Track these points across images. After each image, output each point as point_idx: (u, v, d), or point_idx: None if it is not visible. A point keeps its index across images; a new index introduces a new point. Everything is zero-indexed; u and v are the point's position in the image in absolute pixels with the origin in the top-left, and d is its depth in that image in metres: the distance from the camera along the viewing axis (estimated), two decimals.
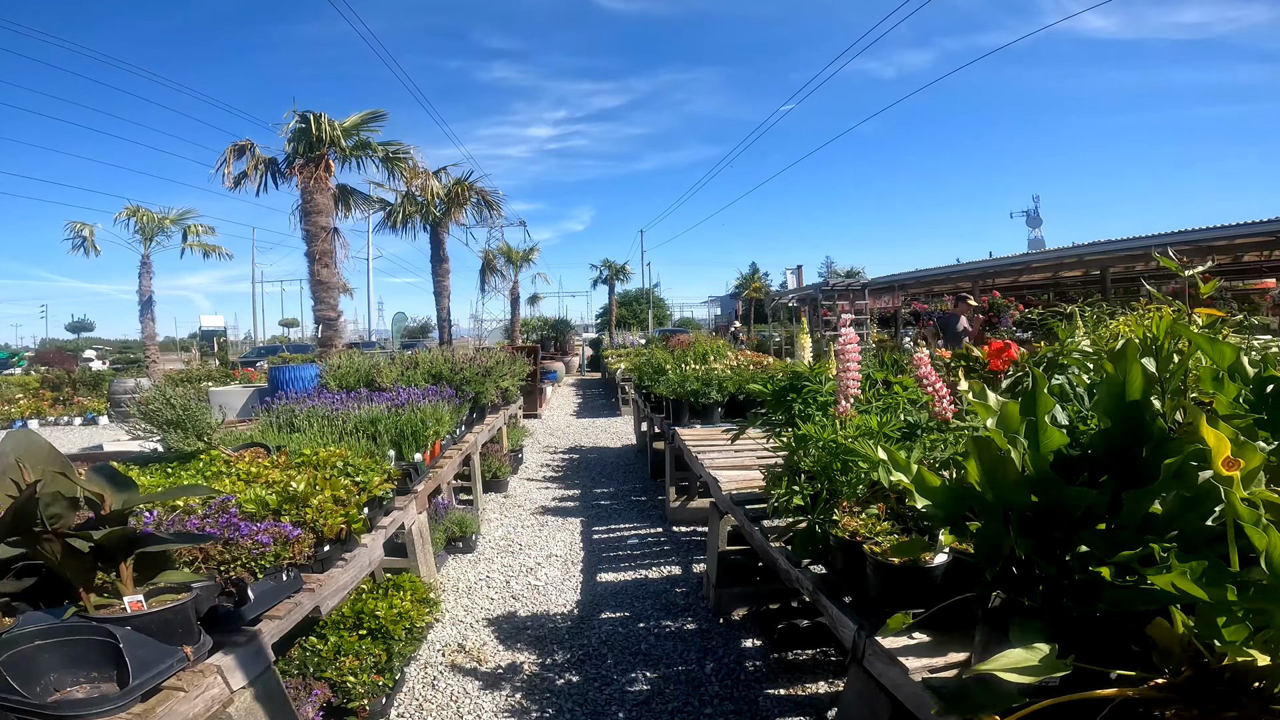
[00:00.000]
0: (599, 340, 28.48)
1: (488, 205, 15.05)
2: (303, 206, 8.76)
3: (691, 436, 5.49)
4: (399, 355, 7.00)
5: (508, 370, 6.93)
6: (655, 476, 7.81)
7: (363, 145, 9.91)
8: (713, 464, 4.55)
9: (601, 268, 30.62)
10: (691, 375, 5.93)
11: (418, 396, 5.07)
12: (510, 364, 7.32)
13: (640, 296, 50.89)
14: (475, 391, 5.70)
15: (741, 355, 6.75)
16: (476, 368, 5.77)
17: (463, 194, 14.17)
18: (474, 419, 5.93)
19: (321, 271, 8.34)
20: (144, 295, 17.04)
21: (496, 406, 6.95)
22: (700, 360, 6.65)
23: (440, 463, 4.69)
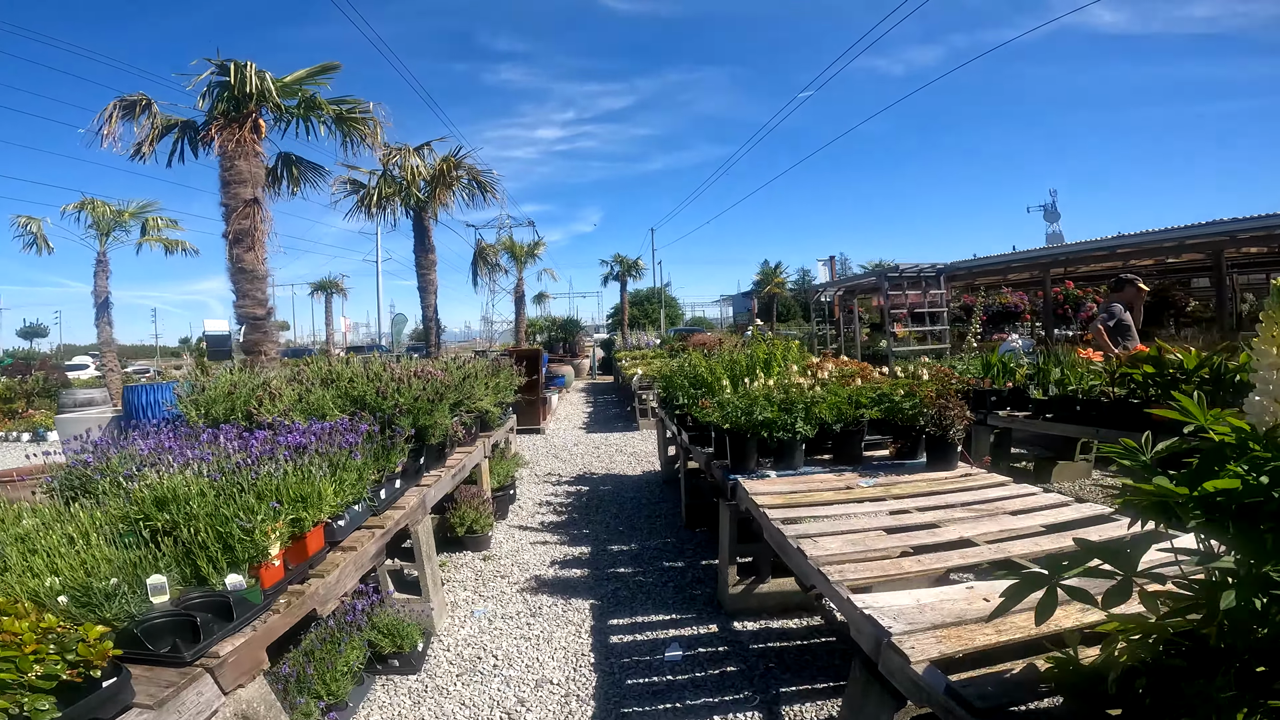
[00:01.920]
0: (611, 341, 26.41)
1: (480, 187, 12.99)
2: (222, 175, 6.72)
3: (771, 494, 3.37)
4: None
5: (486, 386, 4.85)
6: (693, 524, 5.69)
7: (309, 104, 7.86)
8: (837, 558, 2.44)
9: (613, 263, 28.51)
10: (761, 396, 3.79)
11: (319, 434, 2.99)
12: (491, 377, 5.24)
13: (652, 296, 48.90)
14: (421, 425, 3.60)
15: (827, 362, 4.59)
16: (421, 388, 3.65)
17: (450, 172, 12.12)
18: (422, 466, 3.83)
19: (244, 257, 6.31)
20: (99, 296, 15.18)
21: (465, 439, 4.85)
22: (763, 370, 4.52)
23: (330, 561, 2.60)
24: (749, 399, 3.73)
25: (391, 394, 3.46)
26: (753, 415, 3.59)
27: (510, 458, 6.36)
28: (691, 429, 4.91)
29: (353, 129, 8.27)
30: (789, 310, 42.34)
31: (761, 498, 3.28)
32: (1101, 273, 17.53)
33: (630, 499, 6.77)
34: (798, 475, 3.80)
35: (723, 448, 4.05)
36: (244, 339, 6.41)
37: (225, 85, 7.16)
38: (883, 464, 4.03)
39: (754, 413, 3.59)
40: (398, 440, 3.29)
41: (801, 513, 3.05)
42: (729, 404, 3.74)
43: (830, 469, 3.90)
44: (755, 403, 3.66)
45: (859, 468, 3.93)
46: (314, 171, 8.62)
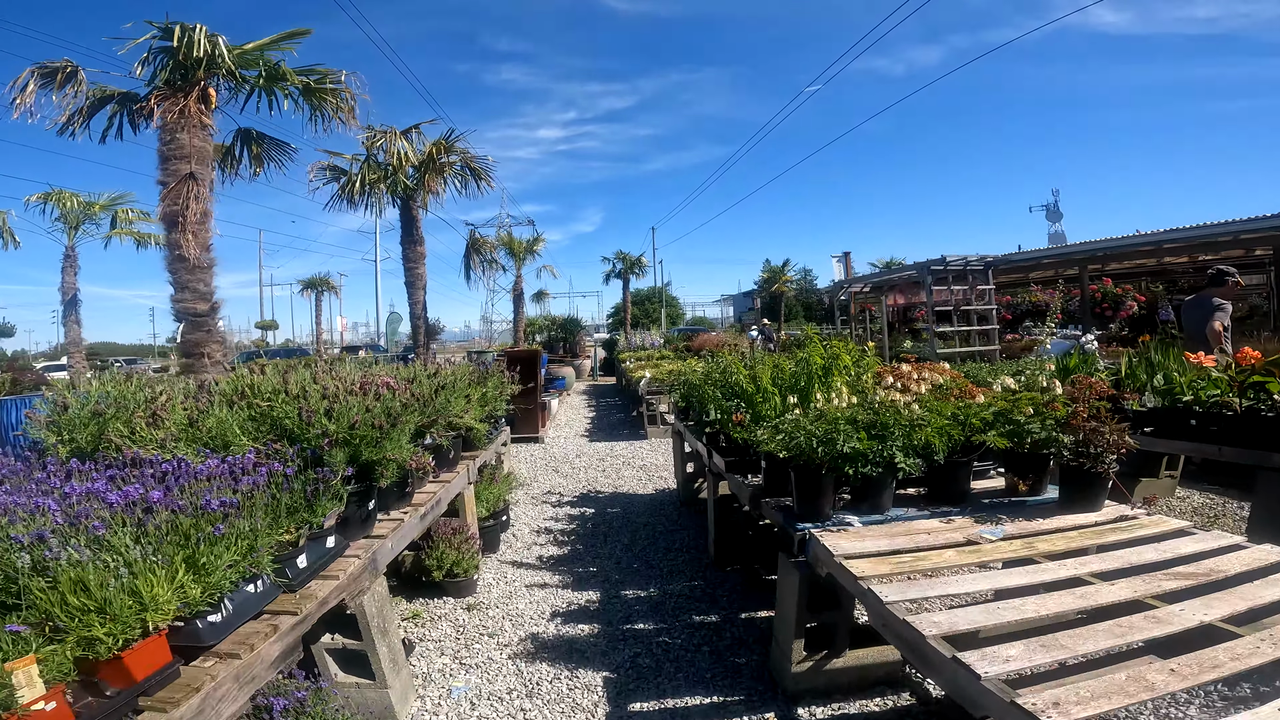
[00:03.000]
0: (613, 341, 25.38)
1: (474, 174, 11.97)
2: (160, 150, 5.68)
3: (866, 555, 2.36)
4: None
5: (468, 399, 3.84)
6: (724, 562, 4.69)
7: (273, 74, 6.83)
8: (1039, 678, 1.41)
9: (615, 260, 27.44)
10: (843, 418, 2.75)
11: (218, 475, 1.98)
12: (475, 386, 4.24)
13: (652, 295, 47.95)
14: (366, 460, 2.58)
15: (917, 370, 3.55)
16: (364, 409, 2.59)
17: (440, 157, 11.10)
18: (372, 511, 2.82)
19: (184, 243, 5.27)
20: (67, 293, 14.18)
21: (441, 466, 3.83)
22: (821, 380, 3.50)
23: (186, 681, 1.59)
24: (828, 422, 2.70)
25: (318, 419, 2.43)
26: (834, 444, 2.57)
27: (503, 478, 5.34)
28: (726, 451, 3.90)
29: (323, 102, 7.24)
30: (791, 311, 41.35)
31: (857, 563, 2.27)
32: (1127, 270, 16.50)
33: (644, 525, 5.75)
34: (889, 522, 2.80)
35: (778, 482, 3.04)
36: (182, 339, 5.37)
37: (169, 51, 6.15)
38: (995, 502, 3.02)
39: (836, 441, 2.57)
40: (330, 482, 2.28)
41: (924, 587, 2.05)
42: (800, 429, 2.72)
43: (929, 511, 2.89)
44: (837, 427, 2.64)
45: (966, 509, 2.92)
46: (278, 149, 7.58)
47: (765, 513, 3.17)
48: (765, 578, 4.55)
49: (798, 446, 2.65)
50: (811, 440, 2.61)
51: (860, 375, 3.41)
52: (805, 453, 2.63)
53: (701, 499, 6.17)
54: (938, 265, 7.34)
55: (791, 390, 3.52)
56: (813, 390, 3.44)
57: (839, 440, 2.57)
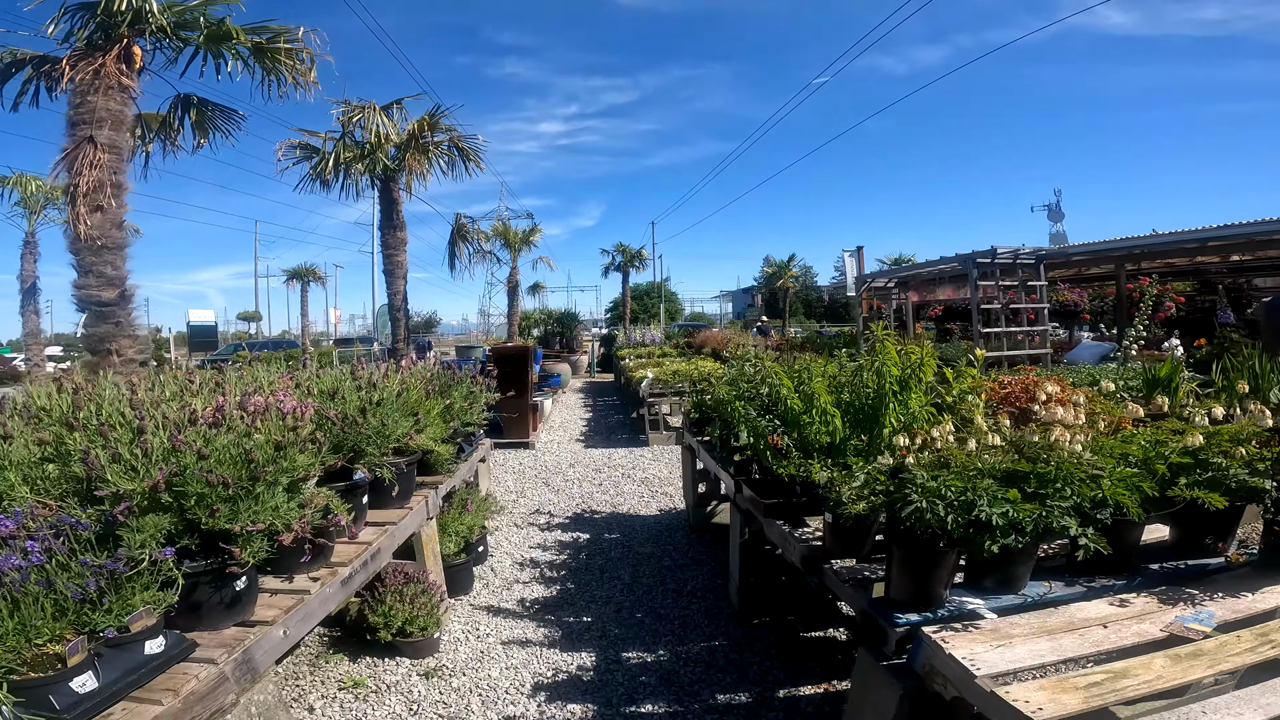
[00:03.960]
0: (612, 336, 24.44)
1: (462, 155, 10.99)
2: (69, 115, 4.74)
3: (1023, 667, 1.42)
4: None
5: (411, 418, 2.89)
6: (750, 613, 3.77)
7: (216, 33, 5.86)
8: None
9: (615, 253, 26.41)
10: (979, 470, 1.80)
11: None
12: (434, 398, 3.30)
13: (651, 290, 47.03)
14: (216, 529, 1.64)
15: (1073, 393, 2.58)
16: (200, 450, 1.62)
17: (424, 135, 10.14)
18: (241, 593, 1.88)
19: (89, 220, 4.27)
20: (25, 282, 13.20)
21: (380, 506, 2.89)
22: (897, 396, 2.56)
23: None
24: (960, 477, 1.76)
25: (112, 471, 1.49)
26: (974, 509, 1.64)
27: (478, 503, 4.41)
28: (761, 487, 2.97)
29: (277, 64, 6.27)
30: (791, 308, 40.39)
31: (1022, 691, 1.37)
32: (1156, 269, 15.54)
33: (647, 558, 4.83)
34: (1034, 607, 1.88)
35: (850, 540, 2.11)
36: (86, 332, 4.40)
37: (88, 6, 5.20)
38: (1165, 569, 2.10)
39: (975, 505, 1.64)
40: (140, 563, 1.35)
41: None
42: (912, 485, 1.78)
43: (1083, 586, 1.97)
44: (975, 486, 1.69)
45: (1134, 579, 2.00)
46: (224, 117, 6.60)
47: (832, 585, 2.25)
48: (806, 635, 3.64)
49: (913, 513, 1.71)
50: (934, 503, 1.68)
51: (952, 392, 2.48)
52: (919, 519, 1.70)
53: (715, 524, 5.25)
54: (984, 258, 6.41)
55: (856, 412, 2.59)
56: (886, 413, 2.51)
57: (981, 505, 1.64)
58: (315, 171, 9.79)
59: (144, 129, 6.48)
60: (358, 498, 2.58)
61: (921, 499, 1.69)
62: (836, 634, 3.67)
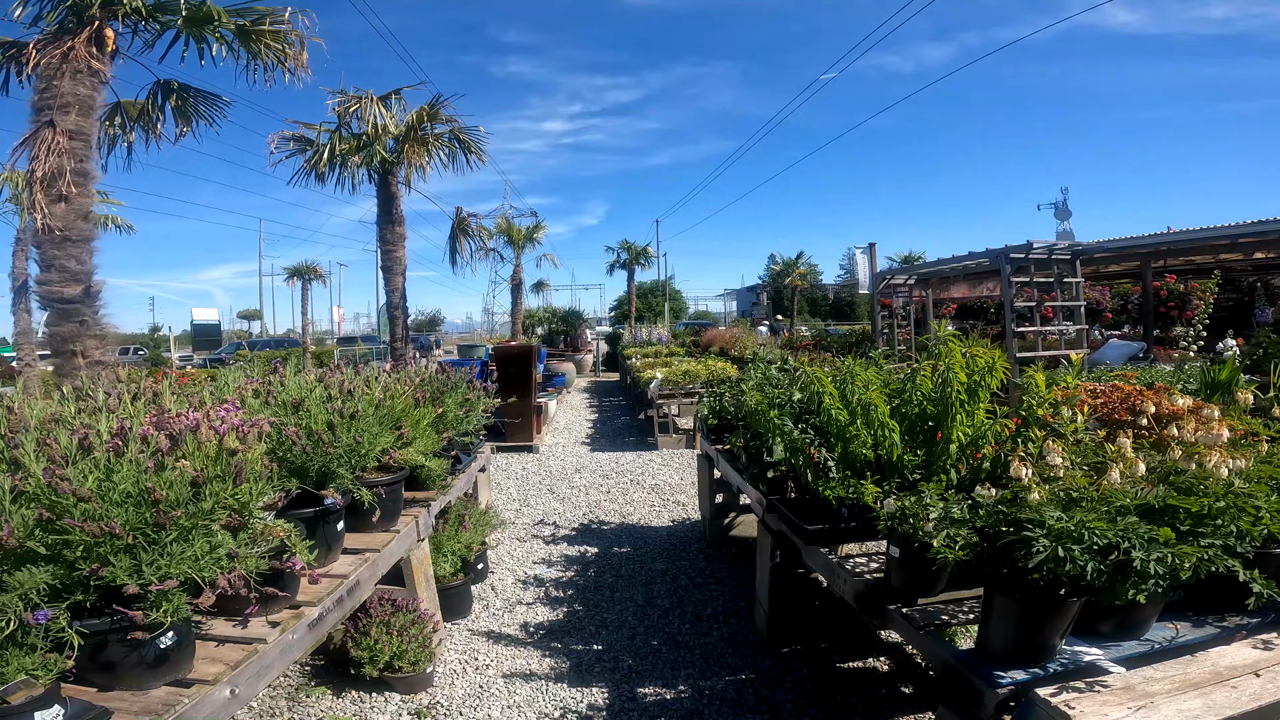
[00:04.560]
0: (617, 335, 24.03)
1: (463, 146, 10.59)
2: (34, 101, 4.36)
3: None
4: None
5: (393, 432, 2.52)
6: (780, 640, 3.38)
7: (198, 16, 5.48)
8: None
9: (619, 250, 25.98)
10: (1123, 504, 1.41)
11: None
12: (425, 408, 2.92)
13: (656, 288, 46.64)
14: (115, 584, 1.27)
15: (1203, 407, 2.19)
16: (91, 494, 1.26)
17: (424, 126, 9.75)
18: (178, 645, 1.50)
19: (50, 210, 3.90)
20: (18, 279, 12.88)
21: (358, 529, 2.51)
22: (964, 405, 2.16)
23: None
24: (1102, 513, 1.37)
25: None
26: (1116, 552, 1.25)
27: (478, 517, 4.03)
28: (799, 508, 2.58)
29: (265, 48, 5.90)
30: (796, 306, 39.90)
31: None
32: (1179, 266, 15.03)
33: (661, 575, 4.44)
34: (1164, 656, 1.49)
35: (919, 578, 1.72)
36: (49, 331, 4.03)
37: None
38: None
39: (1127, 549, 1.25)
40: None
41: None
42: (1048, 524, 1.39)
43: (1215, 628, 1.59)
44: (1131, 531, 1.30)
45: (1266, 616, 1.62)
46: (207, 104, 6.22)
47: (900, 630, 1.86)
48: (843, 666, 3.25)
49: (1043, 563, 1.32)
50: (1069, 549, 1.29)
51: (1043, 403, 2.09)
52: (1045, 566, 1.31)
53: (734, 537, 4.86)
54: (1018, 252, 5.98)
55: (912, 424, 2.20)
56: (952, 425, 2.12)
57: (1130, 549, 1.25)
58: (309, 164, 9.41)
59: (124, 118, 6.12)
60: (329, 526, 2.21)
61: (1052, 543, 1.31)
62: (877, 664, 3.28)
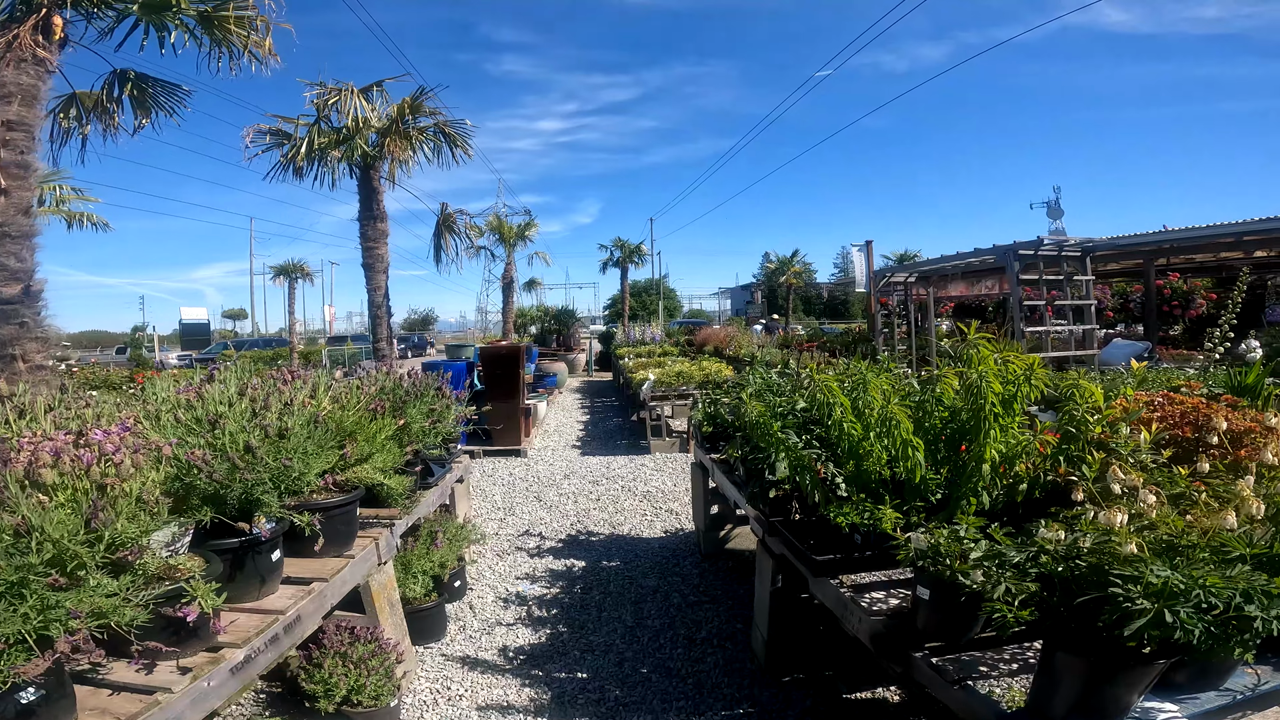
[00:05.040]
0: (610, 334, 23.73)
1: (448, 140, 10.26)
2: None
3: None
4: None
5: (334, 450, 2.21)
6: (780, 668, 3.10)
7: (156, 2, 5.16)
8: None
9: (613, 248, 25.59)
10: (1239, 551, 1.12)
11: None
12: (383, 420, 2.61)
13: (650, 287, 46.36)
14: None
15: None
16: None
17: (407, 119, 9.41)
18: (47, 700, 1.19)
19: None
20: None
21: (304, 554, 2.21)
22: (998, 420, 1.87)
23: None
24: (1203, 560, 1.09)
25: None
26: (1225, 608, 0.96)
27: (453, 533, 3.73)
28: (803, 531, 2.29)
29: (227, 35, 5.57)
30: (791, 304, 39.66)
31: None
32: (1180, 264, 14.81)
33: (652, 592, 4.15)
34: (1245, 708, 1.21)
35: (956, 623, 1.44)
36: None
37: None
38: None
39: (1240, 604, 0.96)
40: None
41: None
42: (1143, 580, 1.09)
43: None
44: (1241, 577, 1.02)
45: None
46: (167, 94, 5.88)
47: (927, 682, 1.57)
48: (849, 697, 2.97)
49: (1142, 629, 1.03)
50: (1175, 610, 1.00)
51: (1103, 420, 1.80)
52: (1147, 633, 1.03)
53: (731, 550, 4.58)
54: (1027, 249, 5.72)
55: (935, 439, 1.91)
56: (986, 442, 1.83)
57: (1246, 605, 0.97)
58: (286, 159, 9.07)
59: (79, 109, 5.79)
60: (261, 557, 1.91)
61: (1156, 605, 1.02)
62: (888, 695, 3.00)
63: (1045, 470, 1.95)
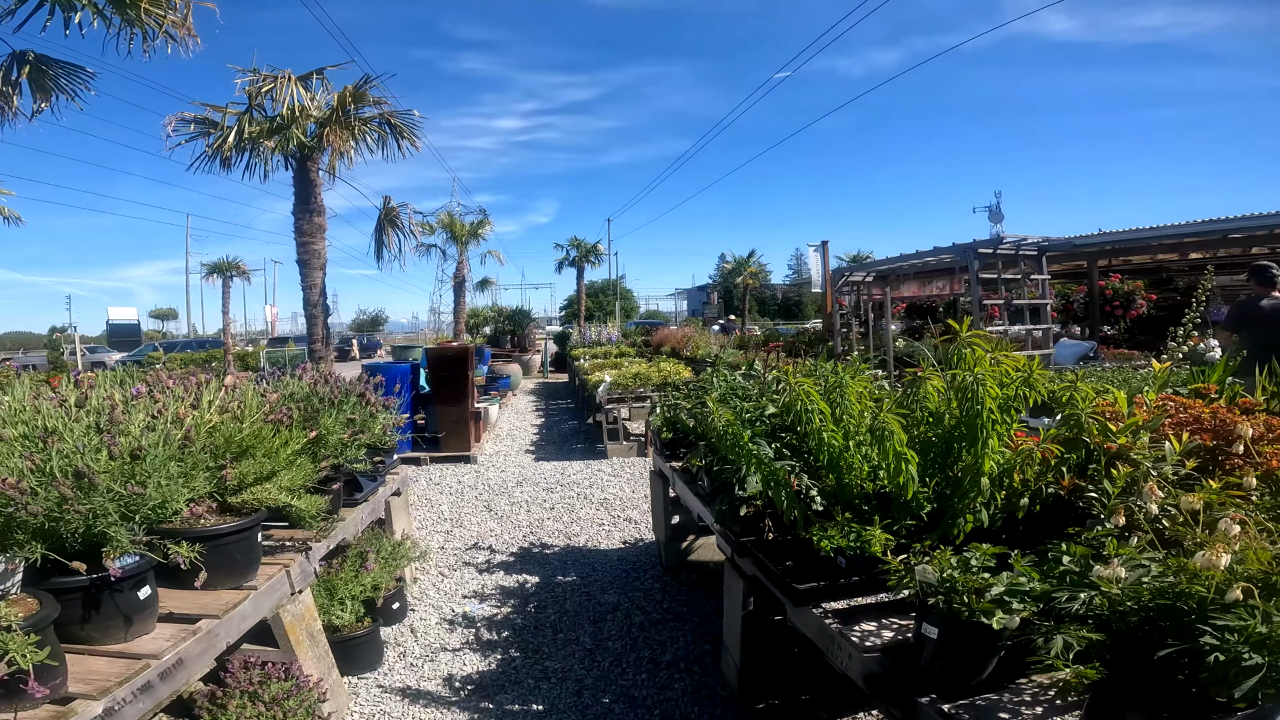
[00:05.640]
0: (566, 334, 23.31)
1: (395, 131, 9.73)
2: None
3: None
4: None
5: (211, 472, 1.86)
6: (753, 698, 2.85)
7: None
8: None
9: (569, 248, 25.14)
10: None
11: None
12: (292, 432, 2.26)
13: (607, 287, 46.08)
14: None
15: None
16: None
17: (347, 109, 8.86)
18: None
19: None
20: None
21: (192, 583, 1.85)
22: (998, 423, 1.67)
23: None
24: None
25: None
26: None
27: (389, 552, 3.37)
28: (778, 552, 2.05)
29: (140, 14, 5.05)
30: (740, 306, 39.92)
31: None
32: (1119, 266, 15.30)
33: (613, 611, 3.86)
34: None
35: (968, 662, 1.21)
36: None
37: None
38: None
39: None
40: None
41: None
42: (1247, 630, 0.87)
43: None
44: None
45: None
46: (68, 76, 5.34)
47: None
48: None
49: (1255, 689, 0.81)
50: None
51: (1127, 429, 1.61)
52: (1261, 693, 0.80)
53: (694, 562, 4.33)
54: (986, 247, 5.68)
55: (925, 449, 1.70)
56: (983, 452, 1.63)
57: None
58: (212, 149, 8.39)
59: None
60: (122, 595, 1.56)
61: (1263, 656, 0.80)
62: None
63: (1047, 482, 1.76)
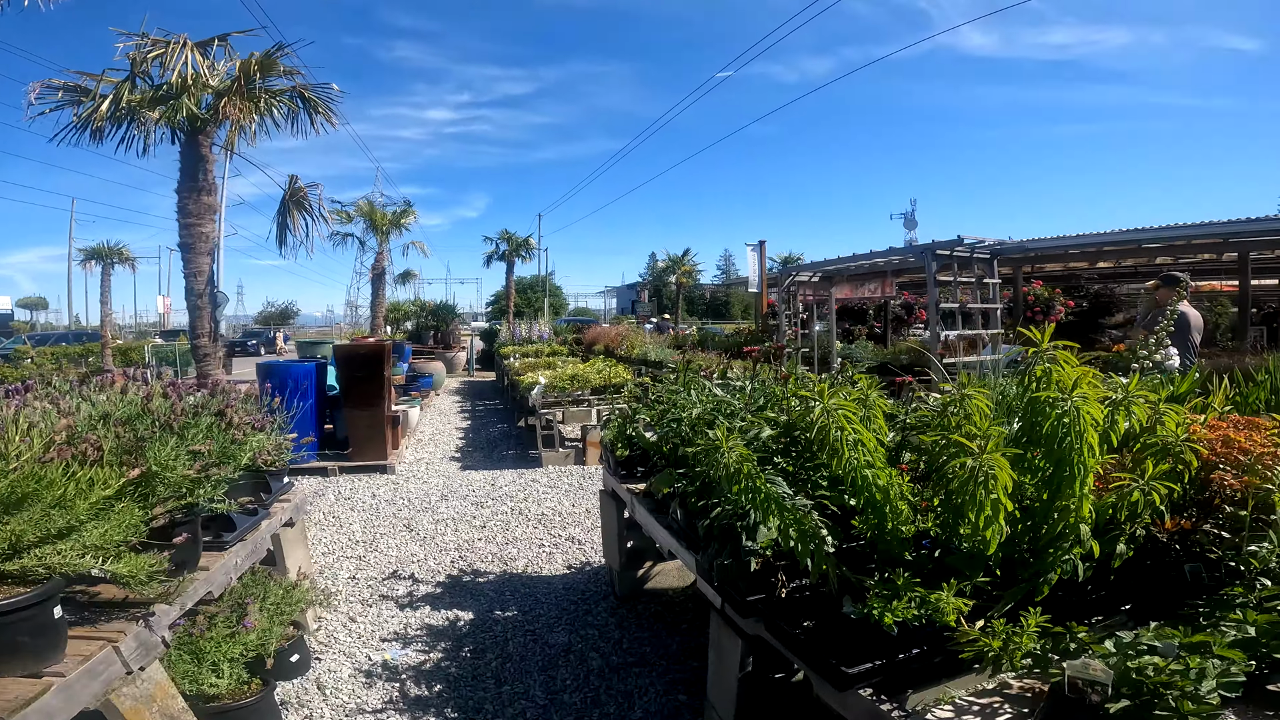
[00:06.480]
0: (494, 331, 22.36)
1: (309, 106, 8.72)
2: None
3: None
4: None
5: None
6: None
7: None
8: None
9: (499, 241, 24.10)
10: None
11: None
12: (104, 469, 1.64)
13: (536, 284, 45.18)
14: None
15: None
16: None
17: (253, 79, 7.83)
18: None
19: None
20: None
21: None
22: (1091, 453, 1.28)
23: None
24: None
25: None
26: None
27: (280, 597, 2.72)
28: (798, 602, 1.60)
29: None
30: (672, 304, 39.96)
31: None
32: (1057, 272, 16.02)
33: (565, 655, 3.32)
34: None
35: None
36: None
37: None
38: None
39: None
40: None
41: None
42: None
43: None
44: None
45: None
46: None
47: None
48: None
49: None
50: None
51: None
52: None
53: (652, 590, 3.87)
54: (944, 250, 5.53)
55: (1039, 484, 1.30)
56: (1084, 490, 1.24)
57: None
58: (80, 119, 7.19)
59: None
60: None
61: None
62: None
63: (1146, 524, 1.42)
